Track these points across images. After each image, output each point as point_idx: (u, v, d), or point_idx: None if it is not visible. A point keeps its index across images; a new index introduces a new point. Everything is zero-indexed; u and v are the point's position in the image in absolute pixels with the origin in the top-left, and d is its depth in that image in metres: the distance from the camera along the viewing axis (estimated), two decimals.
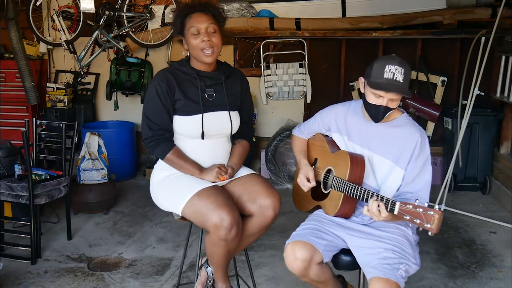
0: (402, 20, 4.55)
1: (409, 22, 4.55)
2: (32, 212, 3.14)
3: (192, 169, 2.17)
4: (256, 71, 5.15)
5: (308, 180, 2.22)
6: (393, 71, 1.89)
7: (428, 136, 4.91)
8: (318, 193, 2.22)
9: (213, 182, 2.14)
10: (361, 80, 2.05)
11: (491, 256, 3.28)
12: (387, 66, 1.90)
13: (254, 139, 5.02)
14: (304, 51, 4.99)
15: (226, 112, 2.24)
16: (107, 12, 4.58)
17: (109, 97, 5.13)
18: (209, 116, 2.19)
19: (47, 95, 5.25)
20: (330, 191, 2.13)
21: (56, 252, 3.35)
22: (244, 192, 2.18)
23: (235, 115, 2.29)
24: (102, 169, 4.07)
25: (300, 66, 5.04)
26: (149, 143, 2.18)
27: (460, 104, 4.27)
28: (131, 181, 4.97)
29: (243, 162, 2.34)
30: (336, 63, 5.15)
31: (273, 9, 4.89)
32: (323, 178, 2.21)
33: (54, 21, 5.06)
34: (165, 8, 4.74)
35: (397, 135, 2.03)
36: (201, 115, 2.16)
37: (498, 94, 4.24)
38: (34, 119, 3.60)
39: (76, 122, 3.50)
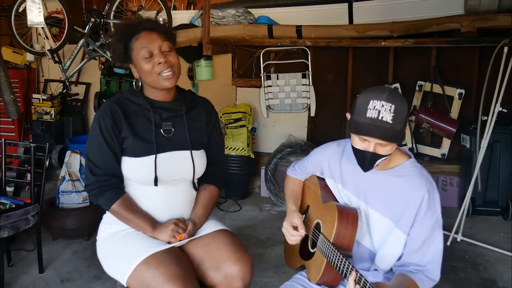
0: (415, 28, 4.12)
1: (423, 30, 4.12)
2: None
3: (143, 224, 1.78)
4: (255, 81, 4.76)
5: (296, 229, 1.77)
6: (378, 108, 1.43)
7: (443, 154, 4.47)
8: (305, 250, 1.81)
9: (169, 243, 1.74)
10: (348, 117, 1.60)
11: None
12: (371, 101, 1.44)
13: (252, 156, 4.65)
14: (308, 60, 4.58)
15: (187, 152, 1.84)
16: (92, 19, 4.23)
17: (97, 110, 4.79)
18: (165, 158, 1.80)
19: (32, 106, 4.93)
20: (315, 251, 1.72)
21: None
22: (207, 256, 1.77)
23: (200, 156, 1.89)
24: (83, 191, 3.71)
25: (303, 76, 4.64)
26: (92, 191, 1.79)
27: (479, 120, 3.82)
28: None
29: (209, 214, 1.93)
30: (343, 73, 4.75)
31: (273, 15, 4.50)
32: (312, 233, 1.79)
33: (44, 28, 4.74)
34: (157, 14, 4.37)
35: (397, 188, 1.58)
36: (154, 156, 1.77)
37: None
38: (3, 139, 3.24)
39: (47, 143, 3.14)
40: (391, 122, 1.44)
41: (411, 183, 1.57)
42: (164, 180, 1.79)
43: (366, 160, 1.53)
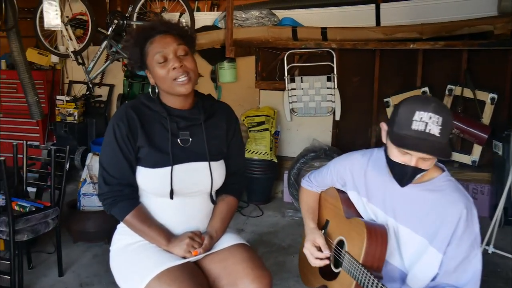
0: (446, 30, 3.96)
1: (454, 32, 3.95)
2: (12, 250, 2.78)
3: (157, 238, 1.69)
4: (279, 84, 4.68)
5: (319, 250, 1.67)
6: (426, 120, 1.34)
7: (474, 161, 4.30)
8: (327, 270, 1.70)
9: (184, 258, 1.66)
10: (383, 127, 1.50)
11: None
12: (417, 112, 1.35)
13: (275, 160, 4.56)
14: (333, 63, 4.47)
15: (205, 164, 1.74)
16: (115, 21, 4.21)
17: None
18: (182, 169, 1.70)
19: (56, 108, 4.94)
20: (340, 272, 1.61)
21: None
22: (223, 272, 1.67)
23: (219, 166, 1.79)
24: None
25: (328, 79, 4.52)
26: (105, 201, 1.72)
27: None
28: None
29: (226, 227, 1.83)
30: (369, 76, 4.62)
31: (297, 16, 4.40)
32: (334, 251, 1.68)
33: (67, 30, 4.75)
34: (180, 16, 4.32)
35: (432, 204, 1.47)
36: (170, 168, 1.67)
37: None
38: (25, 141, 3.23)
39: (67, 146, 3.11)
40: (438, 135, 1.34)
41: (447, 199, 1.46)
42: (180, 193, 1.71)
43: (406, 175, 1.43)
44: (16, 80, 4.92)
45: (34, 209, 2.94)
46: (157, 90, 1.76)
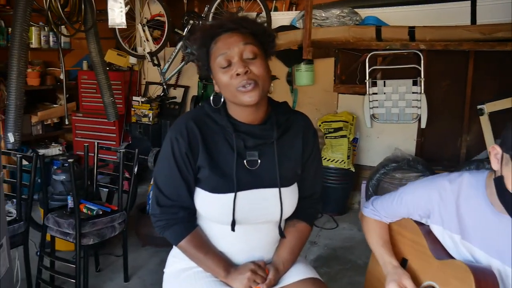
0: None
1: None
2: (77, 254, 2.73)
3: (215, 268, 1.46)
4: (360, 88, 4.38)
5: None
6: None
7: None
8: None
9: None
10: (495, 151, 1.20)
11: None
12: None
13: (353, 169, 4.26)
14: (420, 66, 4.09)
15: (275, 191, 1.47)
16: (191, 22, 4.13)
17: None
18: (246, 196, 1.45)
19: (132, 109, 4.97)
20: None
21: None
22: None
23: (290, 193, 1.51)
24: None
25: (414, 83, 4.14)
26: (157, 223, 1.51)
27: None
28: None
29: (296, 258, 1.56)
30: (461, 80, 4.22)
31: (382, 15, 4.08)
32: None
33: (144, 31, 4.77)
34: (256, 16, 4.16)
35: None
36: (232, 194, 1.42)
37: None
38: (96, 142, 3.20)
39: (136, 150, 3.03)
40: None
41: None
42: (243, 222, 1.46)
43: None
44: (95, 81, 5.03)
45: (101, 213, 2.88)
46: (222, 99, 1.49)
